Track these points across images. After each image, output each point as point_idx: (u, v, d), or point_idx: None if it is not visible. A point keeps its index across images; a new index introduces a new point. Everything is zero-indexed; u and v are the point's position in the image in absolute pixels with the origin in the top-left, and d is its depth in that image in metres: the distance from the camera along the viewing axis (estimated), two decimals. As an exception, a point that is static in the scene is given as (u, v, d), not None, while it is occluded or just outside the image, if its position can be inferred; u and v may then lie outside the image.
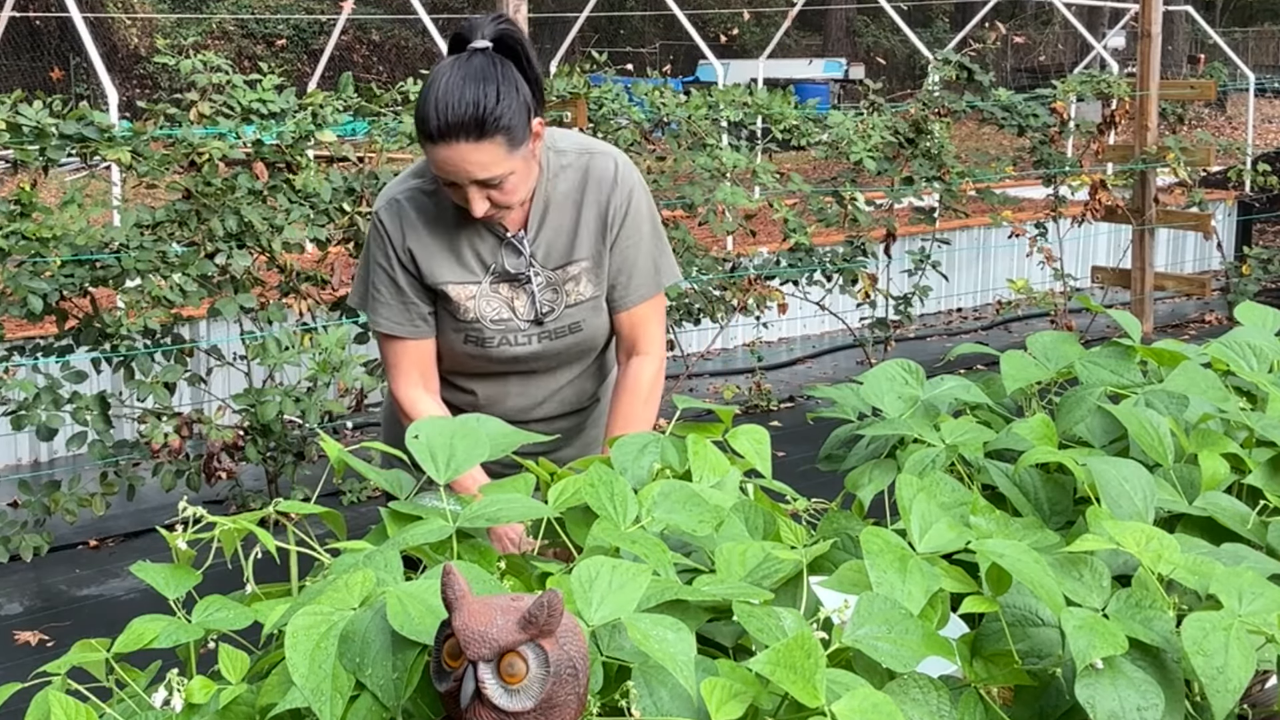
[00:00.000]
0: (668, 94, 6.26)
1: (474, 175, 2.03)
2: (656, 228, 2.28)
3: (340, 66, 16.07)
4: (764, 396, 6.62)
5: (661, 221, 2.30)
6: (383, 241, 2.20)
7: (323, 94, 5.03)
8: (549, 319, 2.21)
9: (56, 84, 11.92)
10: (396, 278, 2.19)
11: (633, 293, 2.25)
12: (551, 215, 2.19)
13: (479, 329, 2.20)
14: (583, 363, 2.31)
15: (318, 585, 1.31)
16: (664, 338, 2.32)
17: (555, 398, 2.31)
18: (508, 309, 2.20)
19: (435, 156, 2.03)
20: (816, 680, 1.11)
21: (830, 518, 1.55)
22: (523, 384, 2.28)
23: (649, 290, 2.27)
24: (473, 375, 2.28)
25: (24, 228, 4.39)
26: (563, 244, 2.20)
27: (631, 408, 2.25)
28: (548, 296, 2.20)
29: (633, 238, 2.23)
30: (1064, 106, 7.36)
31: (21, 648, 4.06)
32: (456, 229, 2.18)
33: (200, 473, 4.68)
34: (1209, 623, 1.26)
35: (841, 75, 18.31)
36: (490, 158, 2.02)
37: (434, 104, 1.99)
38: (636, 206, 2.23)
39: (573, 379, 2.32)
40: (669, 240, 2.39)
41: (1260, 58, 24.65)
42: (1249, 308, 2.16)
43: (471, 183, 2.04)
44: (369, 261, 2.23)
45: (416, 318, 2.21)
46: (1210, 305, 8.95)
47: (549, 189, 2.18)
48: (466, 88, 1.99)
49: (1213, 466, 1.66)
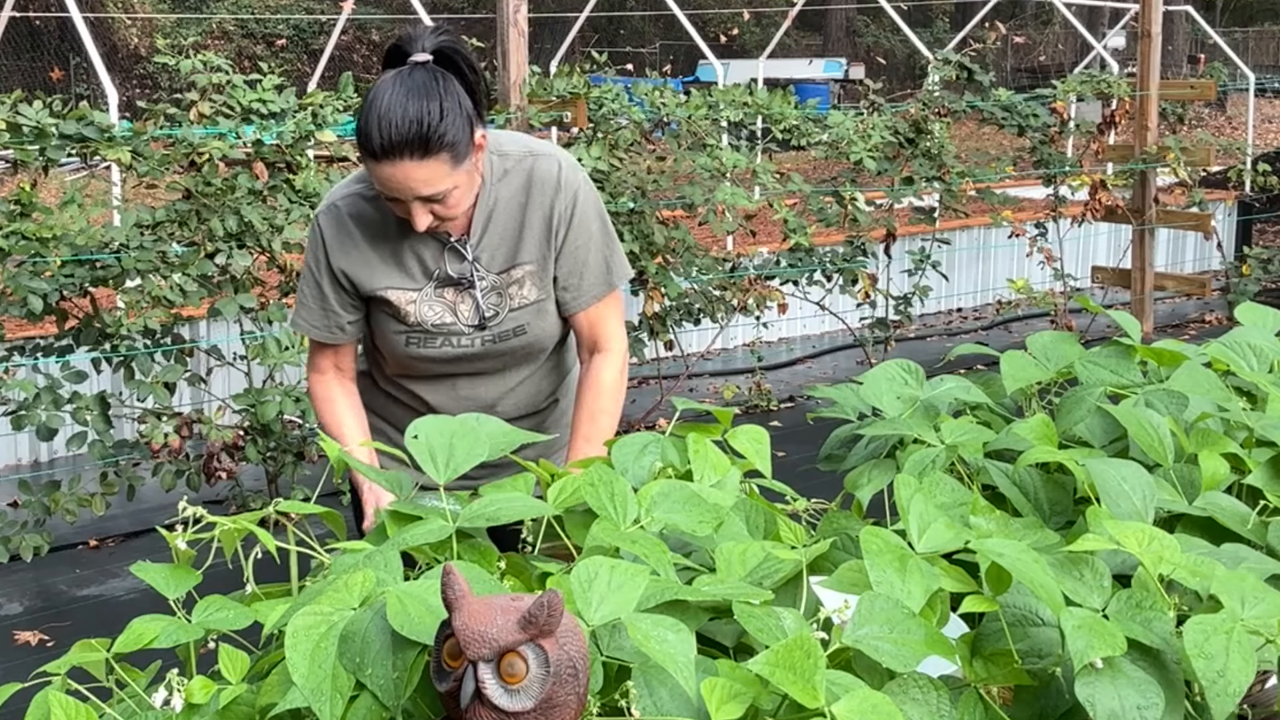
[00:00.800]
0: (668, 94, 6.26)
1: (418, 192, 2.03)
2: (605, 226, 2.28)
3: (340, 66, 16.06)
4: (764, 396, 6.62)
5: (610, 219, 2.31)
6: (316, 247, 2.22)
7: (323, 94, 5.03)
8: (492, 323, 2.21)
9: (56, 84, 11.92)
10: (322, 284, 2.22)
11: (586, 293, 2.26)
12: (496, 220, 2.19)
13: (421, 332, 2.21)
14: (532, 364, 2.31)
15: (318, 585, 1.31)
16: (624, 333, 2.33)
17: (508, 399, 2.30)
18: (451, 313, 2.20)
19: (379, 174, 2.03)
20: (816, 681, 1.11)
21: (830, 518, 1.55)
22: (471, 386, 2.28)
23: (602, 289, 2.27)
24: (419, 378, 2.29)
25: (24, 228, 4.39)
26: (507, 248, 2.20)
27: (596, 403, 2.25)
28: (492, 300, 2.21)
29: (581, 239, 2.23)
30: (1064, 106, 7.35)
31: (21, 648, 4.06)
32: (399, 236, 2.18)
33: (200, 473, 4.68)
34: (1210, 625, 1.26)
35: (841, 75, 18.31)
36: (434, 174, 2.02)
37: (376, 122, 1.98)
38: (583, 208, 2.22)
39: (524, 380, 2.31)
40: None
41: (1260, 58, 24.65)
42: (1249, 308, 2.16)
43: (415, 199, 2.04)
44: (305, 265, 2.27)
45: (334, 326, 2.24)
46: (1210, 305, 8.95)
47: (494, 194, 2.18)
48: (410, 104, 1.97)
49: (1213, 466, 1.66)
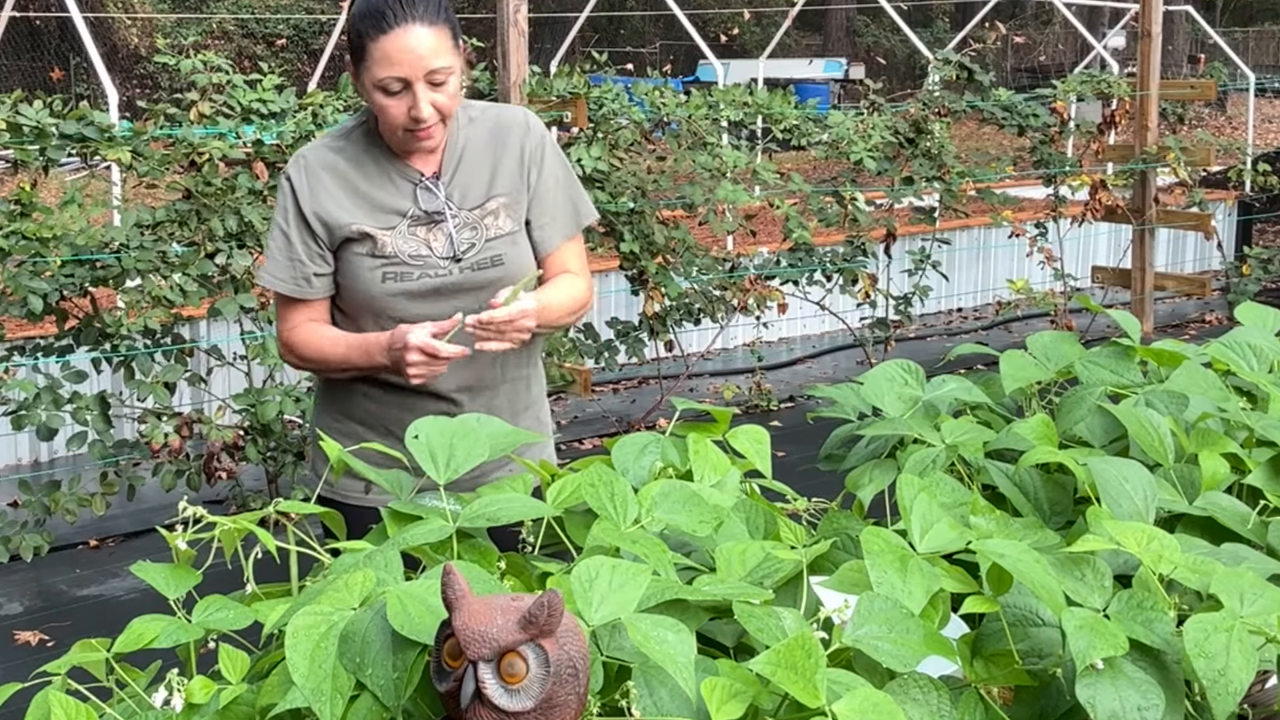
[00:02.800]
0: (668, 94, 6.26)
1: (429, 63, 2.10)
2: (570, 172, 2.38)
3: (340, 66, 16.05)
4: (764, 396, 6.62)
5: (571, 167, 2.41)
6: (285, 198, 2.26)
7: (323, 94, 5.03)
8: (469, 254, 2.24)
9: (56, 84, 11.92)
10: (290, 234, 2.25)
11: (556, 233, 2.33)
12: (466, 159, 2.27)
13: (399, 263, 2.22)
14: None
15: (318, 585, 1.31)
16: (589, 275, 2.41)
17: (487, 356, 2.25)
18: (425, 247, 2.23)
19: (389, 48, 2.09)
20: (817, 680, 1.11)
21: (830, 518, 1.54)
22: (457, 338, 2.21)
23: (571, 229, 2.36)
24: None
25: (24, 228, 4.39)
26: (480, 183, 2.27)
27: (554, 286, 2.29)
28: (465, 235, 2.25)
29: (550, 181, 2.32)
30: (1064, 106, 7.35)
31: (21, 648, 4.06)
32: (368, 181, 2.24)
33: (200, 473, 4.68)
34: (1210, 624, 1.26)
35: (841, 75, 18.30)
36: (442, 44, 2.11)
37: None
38: (550, 151, 2.33)
39: None
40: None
41: (1260, 58, 24.64)
42: (1249, 308, 2.16)
43: (424, 76, 2.11)
44: (272, 221, 2.30)
45: (301, 277, 2.25)
46: (1210, 305, 8.95)
47: (463, 136, 2.27)
48: None
49: (1213, 466, 1.66)
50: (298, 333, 2.28)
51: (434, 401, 2.24)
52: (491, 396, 2.31)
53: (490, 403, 2.30)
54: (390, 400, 2.27)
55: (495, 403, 2.30)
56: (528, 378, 2.39)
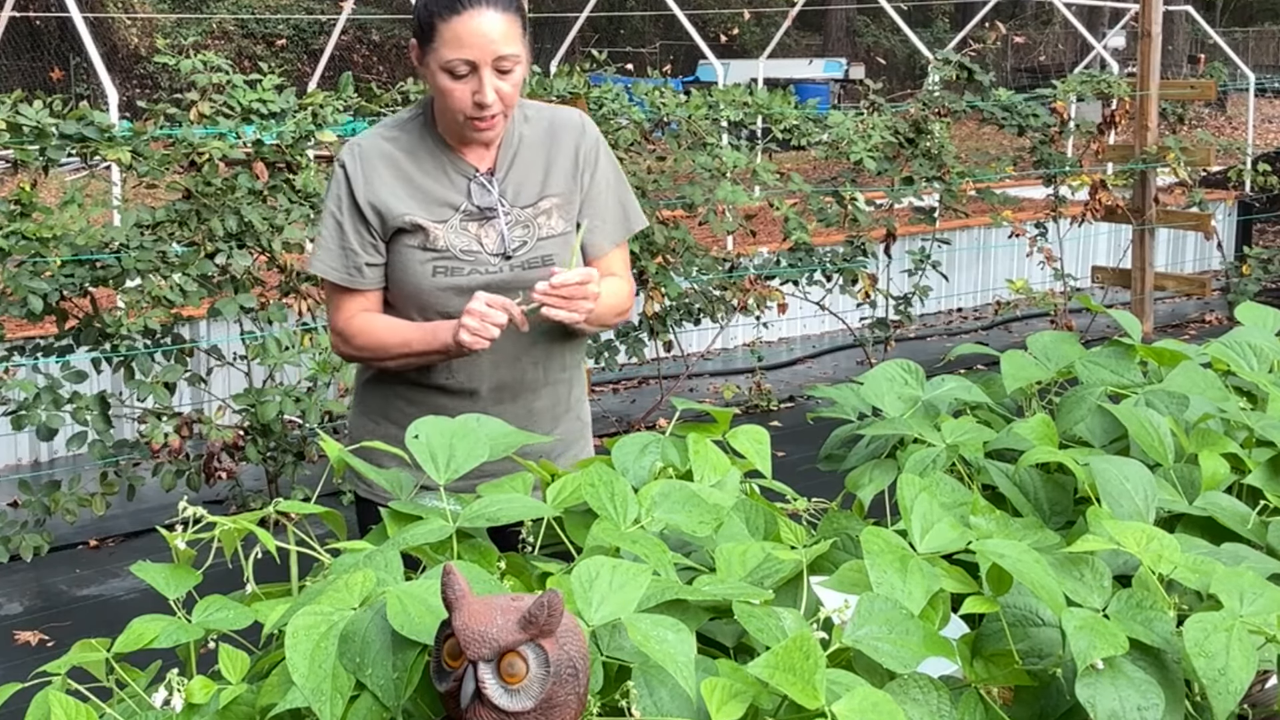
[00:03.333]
0: (668, 94, 6.26)
1: (498, 48, 2.10)
2: (620, 174, 2.38)
3: (340, 66, 16.07)
4: (764, 396, 6.62)
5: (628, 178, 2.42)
6: (338, 185, 2.24)
7: (323, 94, 5.03)
8: (519, 252, 2.23)
9: (56, 84, 11.92)
10: (343, 222, 2.23)
11: (605, 237, 2.33)
12: (521, 157, 2.26)
13: (449, 257, 2.21)
14: None
15: (318, 585, 1.31)
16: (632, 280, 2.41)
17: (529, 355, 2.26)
18: (476, 243, 2.23)
19: (460, 29, 2.09)
20: (816, 681, 1.11)
21: (830, 518, 1.54)
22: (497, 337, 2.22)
23: (619, 234, 2.36)
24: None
25: (24, 228, 4.39)
26: (534, 183, 2.26)
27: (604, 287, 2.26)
28: (517, 233, 2.24)
29: (602, 183, 2.31)
30: (1064, 106, 7.35)
31: (21, 648, 4.06)
32: (422, 173, 2.23)
33: (200, 473, 4.68)
34: (1210, 624, 1.26)
35: (841, 75, 18.29)
36: (511, 31, 2.11)
37: None
38: (606, 153, 2.33)
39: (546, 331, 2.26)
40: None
41: (1260, 58, 24.64)
42: (1249, 308, 2.16)
43: (492, 60, 2.10)
44: (322, 208, 2.28)
45: (352, 266, 2.24)
46: (1210, 305, 8.95)
47: (518, 133, 2.27)
48: None
49: (1213, 466, 1.66)
50: (353, 323, 2.26)
51: (472, 402, 2.22)
52: (532, 399, 2.29)
53: (531, 404, 2.28)
54: (429, 402, 2.23)
55: (536, 405, 2.29)
56: (570, 380, 2.36)
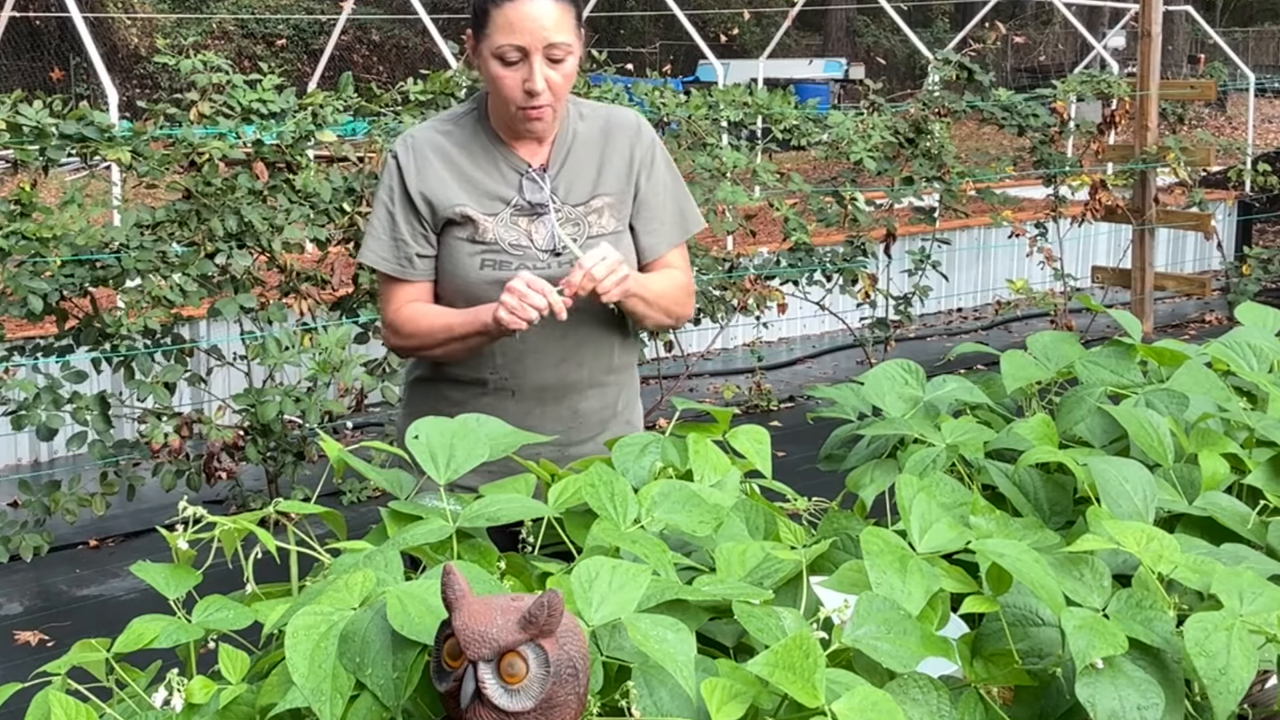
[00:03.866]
0: (668, 94, 6.27)
1: (549, 36, 2.09)
2: (678, 178, 2.37)
3: (340, 66, 16.06)
4: (764, 396, 6.62)
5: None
6: (390, 176, 2.24)
7: (323, 94, 5.03)
8: (568, 250, 2.20)
9: (56, 84, 11.92)
10: (394, 212, 2.23)
11: (663, 239, 2.32)
12: (574, 154, 2.25)
13: (498, 251, 2.20)
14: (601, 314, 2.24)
15: (318, 585, 1.31)
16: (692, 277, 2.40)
17: (574, 358, 2.24)
18: (526, 239, 2.22)
19: (513, 15, 2.09)
20: (815, 680, 1.11)
21: (830, 518, 1.54)
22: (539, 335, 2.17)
23: (677, 236, 2.35)
24: None
25: (24, 228, 4.39)
26: (586, 181, 2.25)
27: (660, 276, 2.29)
28: (567, 230, 2.22)
29: (659, 185, 2.31)
30: (1064, 106, 7.35)
31: (21, 648, 4.06)
32: (474, 166, 2.23)
33: (200, 473, 4.68)
34: (1210, 623, 1.26)
35: (841, 75, 18.28)
36: (565, 21, 2.11)
37: None
38: (663, 155, 2.33)
39: (592, 331, 2.24)
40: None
41: (1260, 58, 24.64)
42: (1249, 308, 2.16)
43: (543, 48, 2.10)
44: (374, 200, 2.28)
45: (404, 257, 2.24)
46: (1210, 305, 8.95)
47: (572, 130, 2.26)
48: None
49: (1213, 466, 1.66)
50: (401, 313, 2.25)
51: (515, 403, 2.22)
52: (578, 400, 2.27)
53: (577, 406, 2.27)
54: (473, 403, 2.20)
55: (582, 406, 2.27)
56: (620, 383, 2.34)
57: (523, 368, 2.23)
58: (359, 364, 4.81)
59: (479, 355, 2.23)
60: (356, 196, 5.01)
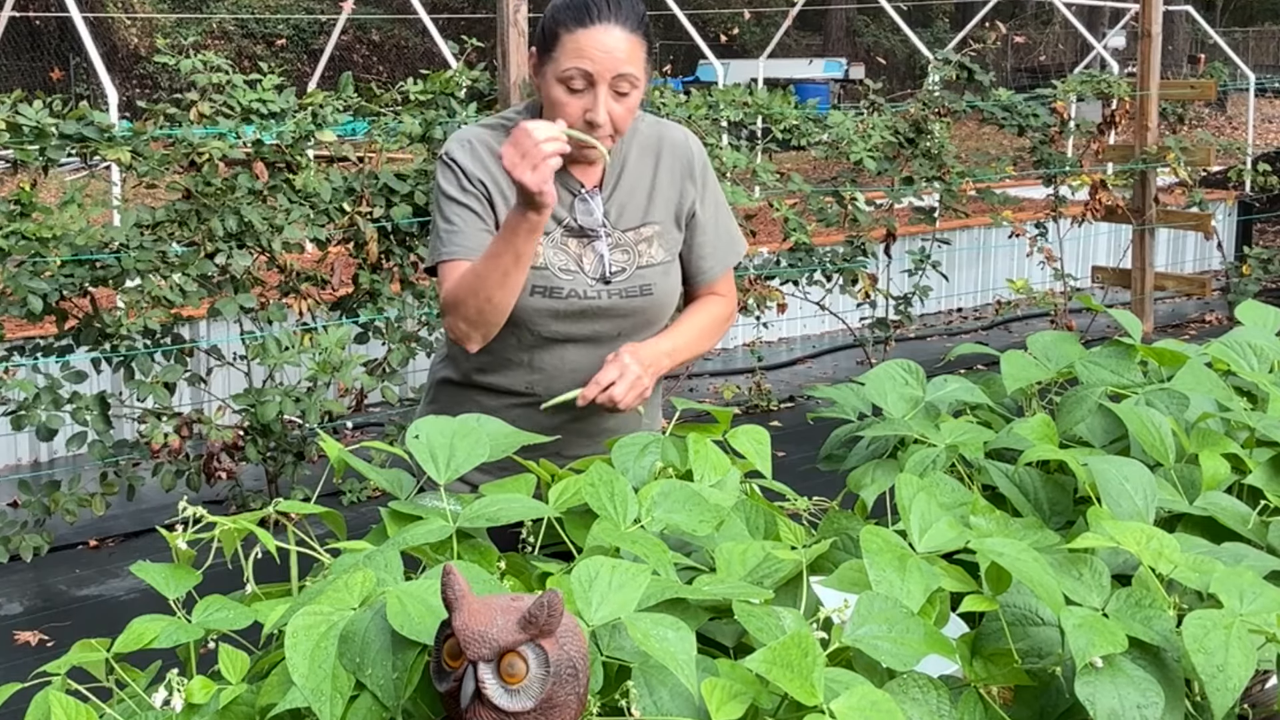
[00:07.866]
0: (668, 94, 6.26)
1: (618, 66, 2.03)
2: (723, 198, 2.33)
3: (340, 66, 16.06)
4: (764, 396, 6.62)
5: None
6: (454, 173, 2.14)
7: (323, 94, 5.03)
8: (618, 279, 2.17)
9: (56, 84, 11.93)
10: (470, 204, 2.13)
11: (718, 264, 2.29)
12: (627, 176, 2.20)
13: (548, 276, 2.13)
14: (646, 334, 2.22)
15: (318, 585, 1.31)
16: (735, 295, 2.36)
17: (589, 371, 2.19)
18: (575, 264, 2.16)
19: (585, 41, 2.03)
20: (814, 678, 1.11)
21: (830, 518, 1.55)
22: (581, 354, 2.16)
23: (731, 259, 2.31)
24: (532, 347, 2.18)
25: (24, 228, 4.39)
26: (637, 205, 2.20)
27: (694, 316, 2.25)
28: (617, 257, 2.18)
29: (711, 208, 2.27)
30: (1064, 106, 7.35)
31: (21, 648, 4.06)
32: None
33: (200, 473, 4.68)
34: (1210, 621, 1.26)
35: (841, 75, 18.29)
36: (635, 53, 2.06)
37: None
38: (712, 176, 2.29)
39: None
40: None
41: (1260, 58, 24.64)
42: (1250, 307, 2.16)
43: (610, 78, 2.04)
44: (438, 205, 2.16)
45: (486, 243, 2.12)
46: (1210, 305, 8.96)
47: (625, 151, 2.20)
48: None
49: (1213, 466, 1.66)
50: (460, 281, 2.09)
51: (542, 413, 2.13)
52: (605, 417, 2.18)
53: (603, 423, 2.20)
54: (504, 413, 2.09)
55: (608, 424, 2.20)
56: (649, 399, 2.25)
57: (560, 384, 2.16)
58: (359, 364, 4.81)
59: (515, 366, 2.18)
60: (356, 196, 5.01)
